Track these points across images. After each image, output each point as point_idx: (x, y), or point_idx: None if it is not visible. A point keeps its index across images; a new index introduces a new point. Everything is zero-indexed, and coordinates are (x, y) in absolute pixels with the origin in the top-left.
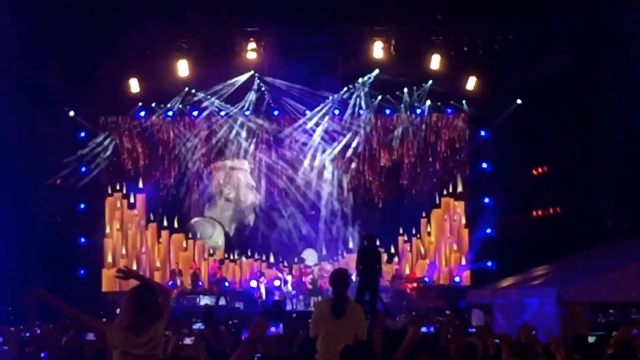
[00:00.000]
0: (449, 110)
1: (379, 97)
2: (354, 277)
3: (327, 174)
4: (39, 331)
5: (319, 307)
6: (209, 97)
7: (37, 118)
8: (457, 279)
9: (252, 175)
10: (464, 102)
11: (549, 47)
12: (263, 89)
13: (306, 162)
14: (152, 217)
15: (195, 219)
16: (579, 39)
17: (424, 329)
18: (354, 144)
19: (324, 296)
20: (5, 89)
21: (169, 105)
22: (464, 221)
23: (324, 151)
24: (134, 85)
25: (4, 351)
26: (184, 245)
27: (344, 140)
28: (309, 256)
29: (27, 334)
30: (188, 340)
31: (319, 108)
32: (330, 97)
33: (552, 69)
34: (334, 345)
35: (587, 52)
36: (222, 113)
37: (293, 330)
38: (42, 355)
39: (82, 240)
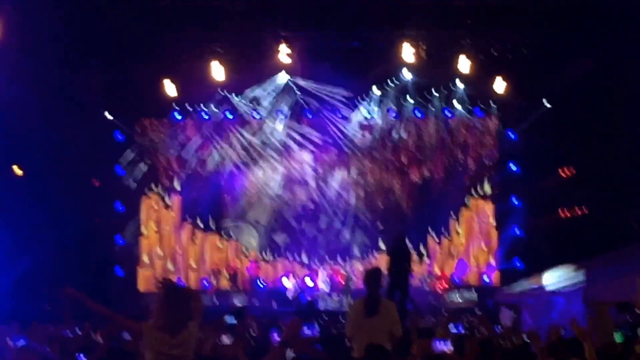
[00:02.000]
0: (478, 113)
1: (410, 100)
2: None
3: (359, 175)
4: (78, 330)
5: (353, 308)
6: (243, 99)
7: (74, 121)
8: (486, 278)
9: (285, 177)
10: (492, 104)
11: (577, 51)
12: (296, 91)
13: (339, 163)
14: (187, 218)
15: (230, 219)
16: (606, 43)
17: (453, 329)
18: (384, 146)
19: (356, 295)
20: (43, 93)
21: (204, 108)
22: (492, 222)
23: (355, 152)
24: (170, 88)
25: (46, 351)
26: (219, 245)
27: (375, 142)
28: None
29: (67, 334)
30: (226, 340)
31: (349, 110)
32: (362, 100)
33: (580, 72)
34: (364, 341)
35: (614, 55)
36: (256, 115)
37: (326, 329)
38: (80, 355)
39: (119, 240)
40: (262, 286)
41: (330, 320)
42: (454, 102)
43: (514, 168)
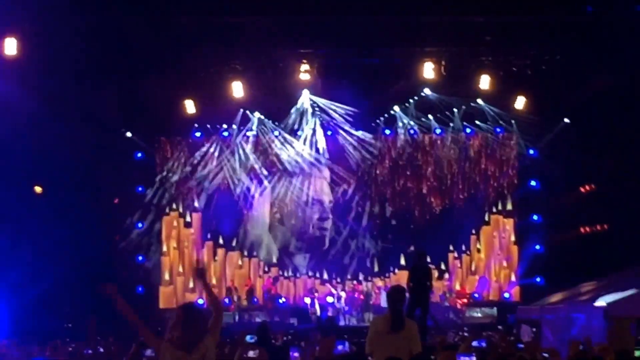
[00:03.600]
0: (498, 130)
1: (430, 117)
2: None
3: (378, 191)
4: (101, 349)
5: (374, 323)
6: (263, 117)
7: (94, 139)
8: (506, 294)
9: (305, 195)
10: (512, 121)
11: (597, 67)
12: (316, 109)
13: (357, 182)
14: (208, 235)
15: (251, 237)
16: (626, 59)
17: (475, 344)
18: (404, 162)
19: (377, 312)
20: (63, 111)
21: (224, 126)
22: (513, 238)
23: (375, 169)
24: (190, 107)
25: None
26: (240, 262)
27: (395, 159)
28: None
29: (90, 351)
30: (252, 354)
31: (368, 129)
32: (382, 117)
33: (600, 88)
34: (385, 358)
35: (634, 71)
36: (276, 133)
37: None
38: None
39: (140, 258)
40: (282, 302)
41: (350, 337)
42: (474, 118)
43: (534, 184)
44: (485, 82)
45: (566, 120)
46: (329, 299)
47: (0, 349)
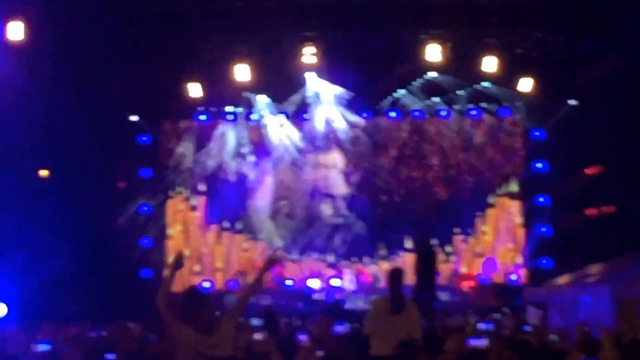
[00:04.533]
0: (504, 112)
1: (435, 99)
2: (410, 277)
3: (384, 175)
4: (104, 333)
5: (375, 305)
6: (268, 100)
7: (98, 123)
8: (513, 277)
9: (311, 178)
10: (518, 103)
11: (603, 47)
12: (321, 92)
13: (363, 162)
14: (213, 219)
15: (256, 220)
16: (633, 39)
17: (482, 325)
18: (410, 144)
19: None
20: (67, 95)
21: (229, 109)
22: (519, 220)
23: (380, 152)
24: (194, 90)
25: (72, 353)
26: (245, 246)
27: (401, 142)
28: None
29: (94, 335)
30: (258, 336)
31: (374, 111)
32: (386, 100)
33: (607, 69)
34: (389, 341)
35: None
36: (281, 116)
37: (354, 329)
38: (110, 356)
39: (145, 241)
40: (288, 286)
41: (357, 319)
42: (479, 101)
43: (540, 166)
44: (490, 64)
45: (573, 101)
46: (335, 282)
47: (6, 333)
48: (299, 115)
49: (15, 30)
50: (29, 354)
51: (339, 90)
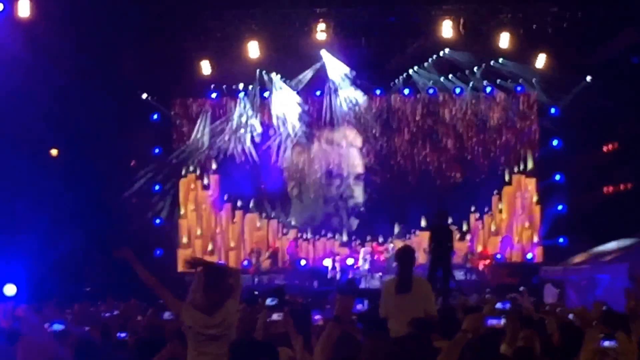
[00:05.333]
0: (519, 88)
1: (448, 77)
2: (422, 255)
3: (398, 156)
4: (116, 312)
5: (385, 286)
6: (279, 77)
7: (110, 102)
8: (529, 255)
9: (324, 154)
10: (533, 80)
11: (618, 24)
12: (333, 69)
13: (377, 141)
14: (225, 198)
15: (270, 199)
16: None
17: (499, 305)
18: (424, 123)
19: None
20: (78, 74)
21: (240, 87)
22: (535, 198)
23: (394, 129)
24: (206, 67)
25: (85, 333)
26: (258, 225)
27: (415, 125)
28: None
29: (107, 314)
30: (275, 317)
31: (387, 88)
32: (399, 77)
33: (622, 44)
34: (403, 322)
35: None
36: (292, 93)
37: (370, 308)
38: (122, 335)
39: (158, 221)
40: (302, 265)
41: (371, 299)
42: (494, 77)
43: (556, 143)
44: (505, 40)
45: (588, 78)
46: (349, 261)
47: (19, 314)
48: (311, 92)
49: (24, 8)
50: (43, 334)
51: (351, 67)
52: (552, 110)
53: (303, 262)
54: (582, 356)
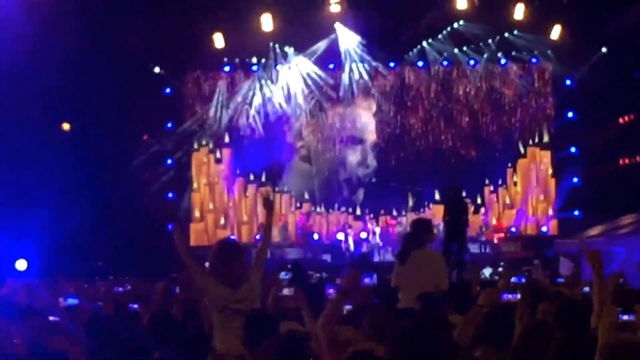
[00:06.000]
0: (534, 60)
1: (463, 49)
2: (440, 228)
3: (412, 126)
4: (129, 286)
5: (395, 258)
6: (294, 50)
7: (122, 75)
8: (544, 228)
9: (337, 129)
10: (548, 51)
11: None
12: (347, 42)
13: (390, 114)
14: (238, 171)
15: (283, 173)
16: None
17: (514, 280)
18: (438, 99)
19: None
20: (91, 48)
21: (253, 60)
22: (550, 171)
23: (408, 102)
24: (219, 40)
25: (98, 308)
26: (271, 198)
27: (429, 103)
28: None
29: (120, 289)
30: (287, 292)
31: (399, 61)
32: (413, 50)
33: (637, 15)
34: (409, 292)
35: None
36: (306, 65)
37: (382, 281)
38: (134, 306)
39: (170, 195)
40: (316, 239)
41: (385, 273)
42: (509, 49)
43: (571, 115)
44: (519, 11)
45: (604, 49)
46: (363, 235)
47: (30, 289)
48: (325, 65)
49: None
50: (56, 309)
51: (364, 39)
52: (568, 82)
53: (316, 236)
54: (600, 330)
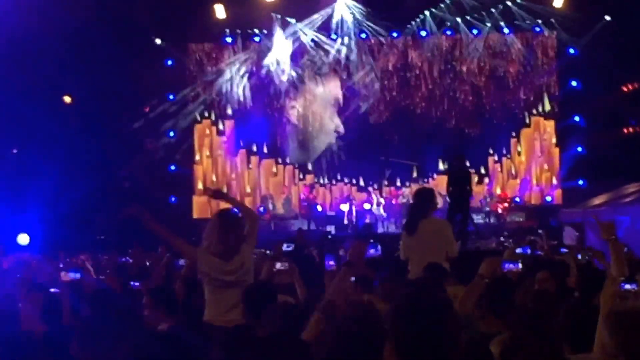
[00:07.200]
0: (537, 29)
1: (466, 17)
2: (440, 199)
3: (414, 95)
4: (130, 260)
5: (403, 229)
6: (295, 21)
7: (123, 47)
8: (548, 198)
9: (338, 100)
10: (551, 19)
11: None
12: (347, 11)
13: (392, 84)
14: (241, 143)
15: (285, 140)
16: None
17: (519, 250)
18: (441, 65)
19: None
20: (90, 20)
21: (255, 31)
22: (554, 140)
23: (410, 72)
24: (220, 11)
25: (100, 282)
26: (274, 170)
27: (429, 60)
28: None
29: (123, 259)
30: (279, 266)
31: (401, 31)
32: (417, 19)
33: None
34: (418, 262)
35: None
36: (309, 38)
37: (386, 253)
38: (135, 284)
39: (172, 167)
40: (319, 211)
41: (389, 244)
42: (512, 18)
43: (575, 84)
44: None
45: (607, 17)
46: (366, 206)
47: (33, 263)
48: (327, 35)
49: None
50: (58, 282)
51: (367, 9)
52: (571, 51)
53: (319, 208)
54: (602, 299)
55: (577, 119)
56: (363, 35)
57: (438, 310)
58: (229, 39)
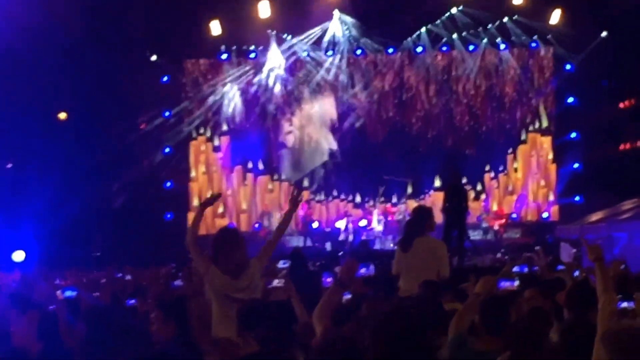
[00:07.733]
0: (533, 45)
1: (461, 34)
2: (437, 215)
3: (411, 112)
4: (128, 276)
5: (397, 245)
6: (291, 37)
7: (119, 64)
8: (545, 214)
9: (333, 115)
10: (548, 36)
11: None
12: (345, 28)
13: (389, 99)
14: (237, 160)
15: (281, 161)
16: None
17: (516, 269)
18: (437, 81)
19: None
20: (87, 37)
21: (251, 47)
22: (551, 156)
23: (406, 88)
24: (215, 28)
25: (95, 299)
26: (270, 187)
27: (425, 78)
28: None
29: (120, 274)
30: (276, 282)
31: (397, 48)
32: (413, 35)
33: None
34: (410, 280)
35: None
36: (304, 54)
37: (382, 270)
38: (130, 302)
39: (168, 184)
40: (315, 227)
41: (386, 261)
42: (508, 34)
43: (571, 101)
44: None
45: (604, 33)
46: (362, 223)
47: (28, 279)
48: (322, 52)
49: None
50: (54, 301)
51: (363, 26)
52: (568, 67)
53: (316, 224)
54: (599, 318)
55: (573, 135)
56: (358, 52)
57: (412, 334)
58: (224, 56)
